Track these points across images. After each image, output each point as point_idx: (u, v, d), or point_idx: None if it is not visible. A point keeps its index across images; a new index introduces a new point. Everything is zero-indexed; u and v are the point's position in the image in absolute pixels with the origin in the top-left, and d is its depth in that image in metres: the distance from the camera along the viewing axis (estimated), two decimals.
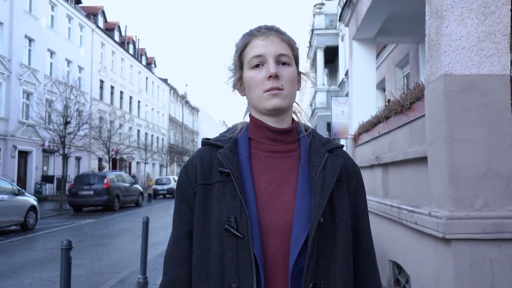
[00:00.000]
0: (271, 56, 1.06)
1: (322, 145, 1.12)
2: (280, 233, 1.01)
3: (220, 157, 1.06)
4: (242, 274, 0.98)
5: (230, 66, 1.16)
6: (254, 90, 1.08)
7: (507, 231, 3.00)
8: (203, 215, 1.04)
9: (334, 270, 1.01)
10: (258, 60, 1.07)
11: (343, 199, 1.07)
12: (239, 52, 1.12)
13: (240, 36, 1.13)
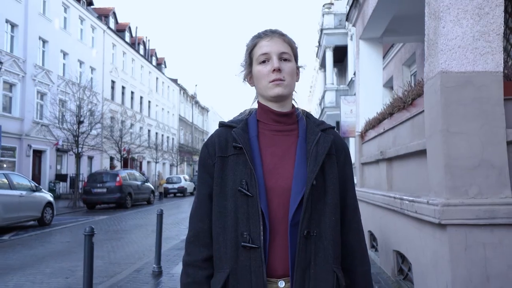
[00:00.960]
0: (274, 53, 1.32)
1: (316, 125, 1.38)
2: (281, 194, 1.27)
3: (235, 135, 1.32)
4: (251, 224, 1.24)
5: (242, 63, 1.43)
6: (261, 81, 1.34)
7: (499, 217, 3.22)
8: (221, 180, 1.30)
9: (324, 222, 1.27)
10: (265, 57, 1.33)
11: (333, 168, 1.32)
12: (249, 50, 1.38)
13: (250, 38, 1.41)
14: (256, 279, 1.21)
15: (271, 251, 1.24)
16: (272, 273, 1.25)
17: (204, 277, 1.30)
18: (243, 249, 1.23)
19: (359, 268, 1.37)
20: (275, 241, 1.25)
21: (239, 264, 1.24)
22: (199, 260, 1.32)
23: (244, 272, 1.23)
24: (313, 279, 1.23)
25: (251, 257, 1.23)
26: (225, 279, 1.24)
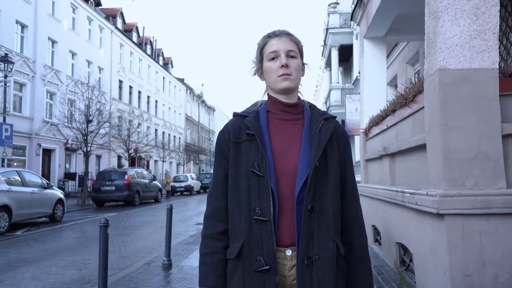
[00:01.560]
0: (283, 51, 1.50)
1: (320, 115, 1.56)
2: (288, 174, 1.45)
3: (248, 123, 1.50)
4: (263, 201, 1.42)
5: (253, 59, 1.62)
6: (271, 75, 1.52)
7: (495, 207, 3.38)
8: (235, 163, 1.48)
9: (325, 199, 1.45)
10: (274, 54, 1.51)
11: (334, 152, 1.50)
12: (260, 49, 1.57)
13: (260, 37, 1.59)
14: (267, 248, 1.40)
15: (279, 224, 1.43)
16: (281, 243, 1.43)
17: (221, 248, 1.49)
18: (255, 222, 1.42)
19: (357, 240, 1.55)
20: (283, 215, 1.43)
21: (252, 235, 1.42)
22: (216, 232, 1.51)
23: (256, 242, 1.41)
24: (316, 248, 1.41)
25: (262, 229, 1.41)
26: (239, 248, 1.43)
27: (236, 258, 1.44)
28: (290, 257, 1.44)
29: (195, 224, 11.98)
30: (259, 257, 1.40)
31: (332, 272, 1.41)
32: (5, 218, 10.00)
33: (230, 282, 1.46)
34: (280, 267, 1.43)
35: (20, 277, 5.90)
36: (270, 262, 1.39)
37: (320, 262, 1.40)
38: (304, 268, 1.39)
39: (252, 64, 1.62)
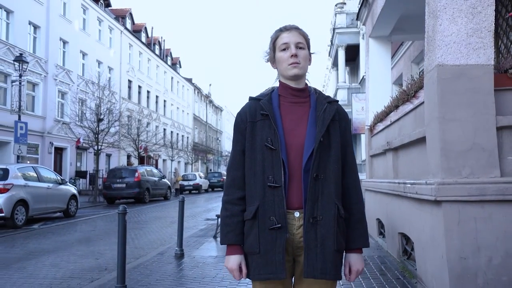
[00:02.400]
0: (292, 43, 1.76)
1: (324, 99, 1.81)
2: (297, 148, 1.70)
3: (262, 105, 1.76)
4: (275, 170, 1.68)
5: (267, 50, 1.88)
6: (282, 64, 1.78)
7: (489, 194, 3.61)
8: (251, 139, 1.74)
9: (328, 169, 1.70)
10: (285, 46, 1.76)
11: (336, 131, 1.76)
12: (273, 41, 1.82)
13: (273, 31, 1.85)
14: (279, 210, 1.66)
15: (289, 190, 1.69)
16: (290, 206, 1.69)
17: (239, 211, 1.76)
18: (269, 188, 1.68)
19: (355, 205, 1.80)
20: (292, 183, 1.69)
21: (266, 199, 1.68)
22: (235, 198, 1.77)
23: (270, 205, 1.67)
24: (320, 209, 1.67)
25: (274, 194, 1.67)
26: (255, 210, 1.69)
27: (252, 218, 1.69)
28: (298, 218, 1.69)
29: (204, 220, 12.28)
30: (272, 217, 1.65)
31: (333, 230, 1.67)
32: (22, 212, 10.38)
33: (247, 239, 1.72)
34: (289, 226, 1.68)
35: (41, 264, 6.23)
36: (281, 221, 1.65)
37: (323, 221, 1.66)
38: (309, 226, 1.65)
39: (265, 53, 1.88)
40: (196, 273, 5.34)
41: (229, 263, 1.73)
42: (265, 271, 1.65)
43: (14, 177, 10.45)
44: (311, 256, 1.64)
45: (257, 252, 1.67)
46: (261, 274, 1.67)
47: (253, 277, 1.70)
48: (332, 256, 1.66)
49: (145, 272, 5.44)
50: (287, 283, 1.76)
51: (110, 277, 5.28)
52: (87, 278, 5.44)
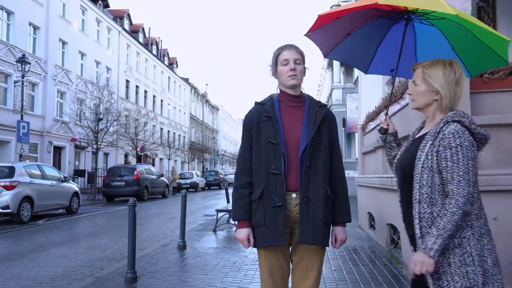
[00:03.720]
0: (291, 59, 2.17)
1: (315, 103, 2.23)
2: (294, 143, 2.11)
3: (266, 108, 2.17)
4: (277, 161, 2.09)
5: (270, 63, 2.28)
6: (283, 75, 2.19)
7: None
8: (258, 136, 2.15)
9: (319, 159, 2.11)
10: (286, 61, 2.18)
11: (325, 129, 2.17)
12: (276, 57, 2.23)
13: (276, 48, 2.25)
14: (279, 191, 2.08)
15: (287, 176, 2.11)
16: (288, 188, 2.11)
17: (247, 193, 2.17)
18: (272, 174, 2.09)
19: (340, 189, 2.22)
20: (290, 170, 2.11)
21: (269, 183, 2.10)
22: (244, 183, 2.18)
23: (272, 188, 2.09)
24: (312, 191, 2.08)
25: (276, 179, 2.09)
26: (261, 192, 2.10)
27: (258, 198, 2.11)
28: (295, 198, 2.12)
29: (203, 216, 12.67)
30: (275, 198, 2.07)
31: (322, 207, 2.09)
32: (28, 208, 10.75)
33: (254, 215, 2.13)
34: (288, 205, 2.10)
35: (52, 255, 6.62)
36: (281, 201, 2.07)
37: (314, 200, 2.08)
38: (303, 204, 2.07)
39: (269, 67, 2.30)
40: (198, 262, 5.74)
41: (240, 235, 2.15)
42: (269, 239, 2.07)
43: (20, 174, 10.83)
44: (304, 227, 2.05)
45: (262, 225, 2.09)
46: (266, 242, 2.09)
47: (259, 245, 2.11)
48: (321, 228, 2.08)
49: (151, 261, 5.83)
50: (285, 251, 2.18)
51: (119, 265, 5.67)
52: (97, 266, 5.83)
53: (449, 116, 1.78)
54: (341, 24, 2.36)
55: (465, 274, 1.69)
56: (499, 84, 4.28)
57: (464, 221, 1.70)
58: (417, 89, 1.93)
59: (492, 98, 4.29)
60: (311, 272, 2.14)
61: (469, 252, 1.70)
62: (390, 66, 2.47)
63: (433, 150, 1.76)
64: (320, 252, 2.17)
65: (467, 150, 1.69)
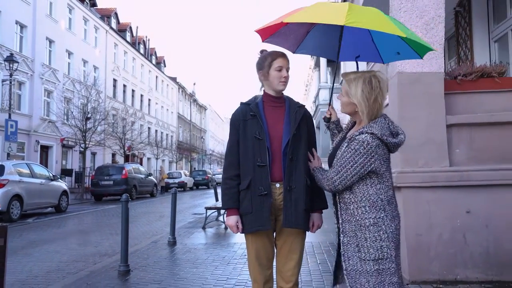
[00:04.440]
0: (285, 67, 2.41)
1: (295, 104, 2.46)
2: (277, 138, 2.34)
3: (252, 108, 2.39)
4: (262, 155, 2.31)
5: (260, 62, 2.45)
6: (275, 80, 2.40)
7: (440, 181, 4.32)
8: (244, 132, 2.37)
9: (299, 153, 2.34)
10: (280, 68, 2.39)
11: (304, 126, 2.40)
12: (271, 61, 2.41)
13: (273, 53, 2.44)
14: (265, 182, 2.30)
15: (272, 168, 2.33)
16: (273, 179, 2.33)
17: (235, 184, 2.39)
18: (258, 167, 2.32)
19: None
20: (274, 163, 2.34)
21: (256, 175, 2.32)
22: (232, 175, 2.40)
23: (259, 179, 2.31)
24: (293, 181, 2.32)
25: (262, 171, 2.31)
26: (248, 182, 2.33)
27: (246, 188, 2.33)
28: (278, 188, 2.35)
29: (192, 214, 12.84)
30: (261, 187, 2.30)
31: (303, 194, 2.32)
32: (17, 206, 10.81)
33: (242, 203, 2.35)
34: (272, 194, 2.33)
35: (45, 251, 6.75)
36: (267, 190, 2.30)
37: (296, 189, 2.31)
38: (287, 192, 2.30)
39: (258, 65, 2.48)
40: (189, 257, 5.94)
41: (229, 221, 2.37)
42: (256, 224, 2.30)
43: (9, 173, 10.88)
44: (288, 213, 2.29)
45: (250, 212, 2.31)
46: (253, 227, 2.31)
47: (247, 230, 2.34)
48: (302, 213, 2.31)
49: (142, 256, 6.02)
50: (270, 236, 2.41)
51: (111, 260, 5.85)
52: (90, 261, 6.00)
53: (367, 127, 2.11)
54: (296, 26, 2.59)
55: (379, 247, 2.04)
56: (471, 86, 4.57)
57: (378, 206, 2.09)
58: (342, 99, 2.25)
59: (465, 98, 4.58)
60: (294, 255, 2.38)
61: (383, 230, 2.06)
62: (356, 53, 2.70)
63: (344, 147, 2.15)
64: (301, 236, 2.41)
65: (357, 156, 2.05)
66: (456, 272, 4.22)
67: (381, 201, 2.10)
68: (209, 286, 4.36)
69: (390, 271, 2.06)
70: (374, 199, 2.09)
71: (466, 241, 4.25)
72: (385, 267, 2.05)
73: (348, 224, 2.12)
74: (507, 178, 4.25)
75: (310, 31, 2.72)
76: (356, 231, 2.09)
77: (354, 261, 2.08)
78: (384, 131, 2.15)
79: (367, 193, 2.09)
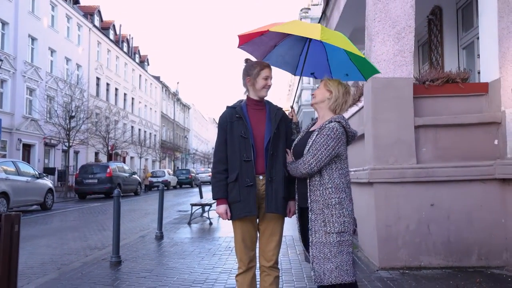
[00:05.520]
0: (270, 77, 2.77)
1: (274, 107, 2.83)
2: (260, 137, 2.70)
3: (237, 110, 2.75)
4: (247, 151, 2.66)
5: (247, 70, 2.80)
6: (261, 87, 2.76)
7: (408, 177, 4.75)
8: (231, 132, 2.72)
9: (279, 149, 2.70)
10: (266, 77, 2.75)
11: (282, 127, 2.77)
12: (259, 70, 2.77)
13: (255, 62, 2.81)
14: (250, 175, 2.66)
15: (256, 162, 2.69)
16: (257, 172, 2.69)
17: (224, 178, 2.74)
18: (244, 162, 2.67)
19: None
20: (258, 158, 2.70)
21: (242, 169, 2.67)
22: (221, 170, 2.75)
23: (245, 172, 2.66)
24: (274, 173, 2.68)
25: (247, 165, 2.67)
26: (236, 175, 2.68)
27: (234, 181, 2.69)
28: (262, 180, 2.71)
29: (177, 211, 13.13)
30: (247, 179, 2.66)
31: (282, 185, 2.69)
32: (4, 204, 10.92)
33: (230, 193, 2.70)
34: (257, 185, 2.69)
35: (36, 245, 6.98)
36: (252, 181, 2.66)
37: (276, 180, 2.68)
38: (268, 183, 2.67)
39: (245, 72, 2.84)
40: (176, 249, 6.27)
41: (219, 209, 2.73)
42: (244, 211, 2.66)
43: None
44: (269, 200, 2.66)
45: (238, 200, 2.67)
46: (242, 213, 2.67)
47: (236, 216, 2.70)
48: (281, 201, 2.69)
49: (131, 249, 6.32)
50: (254, 222, 2.78)
51: (102, 252, 6.13)
52: (81, 254, 6.27)
53: (334, 118, 2.63)
54: (267, 38, 3.06)
55: (342, 222, 2.52)
56: (438, 90, 5.02)
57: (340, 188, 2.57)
58: (317, 91, 2.76)
59: (432, 102, 5.03)
60: (275, 237, 2.76)
61: (345, 208, 2.54)
62: (311, 70, 3.18)
63: (314, 136, 2.61)
64: (280, 221, 2.78)
65: (329, 140, 2.52)
66: (421, 259, 4.66)
67: (342, 184, 2.58)
68: (197, 274, 4.70)
69: (348, 242, 2.52)
70: (337, 182, 2.56)
71: (430, 231, 4.70)
72: (345, 239, 2.51)
73: (316, 204, 2.55)
74: (467, 175, 4.71)
75: (277, 45, 3.16)
76: (324, 209, 2.52)
77: (320, 234, 2.52)
78: (346, 122, 2.66)
79: (332, 177, 2.55)
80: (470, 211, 4.69)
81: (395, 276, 4.35)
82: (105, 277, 4.65)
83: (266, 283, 2.74)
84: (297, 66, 3.28)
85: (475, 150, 4.83)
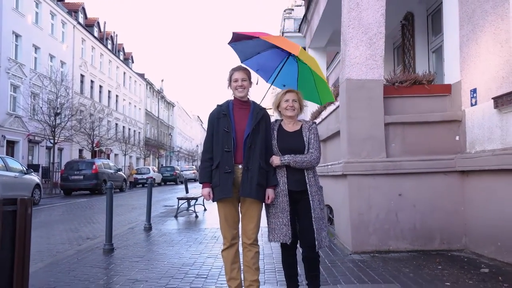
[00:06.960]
0: (240, 79, 3.18)
1: (257, 107, 3.25)
2: (241, 131, 3.11)
3: (223, 108, 3.17)
4: (229, 143, 3.08)
5: (228, 78, 3.26)
6: (233, 88, 3.19)
7: (378, 169, 5.24)
8: (217, 127, 3.13)
9: (257, 142, 3.11)
10: (235, 79, 3.18)
11: (262, 124, 3.19)
12: (230, 75, 3.22)
13: (231, 68, 3.24)
14: (230, 163, 3.06)
15: (236, 153, 3.10)
16: (236, 161, 3.10)
17: (209, 165, 3.15)
18: (225, 152, 3.09)
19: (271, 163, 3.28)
20: (237, 150, 3.11)
21: (223, 158, 3.08)
22: (207, 158, 3.17)
23: (225, 161, 3.07)
24: (250, 163, 3.08)
25: (228, 155, 3.08)
26: (218, 163, 3.09)
27: (216, 168, 3.11)
28: (240, 168, 3.12)
29: (163, 206, 13.46)
30: (226, 167, 3.08)
31: (257, 174, 3.10)
32: None
33: (213, 179, 3.12)
34: (236, 172, 3.11)
35: None
36: (231, 169, 3.08)
37: (252, 169, 3.09)
38: (245, 172, 3.09)
39: (227, 82, 3.30)
40: (165, 239, 6.65)
41: (204, 191, 3.17)
42: (222, 194, 3.09)
43: None
44: (244, 186, 3.08)
45: (218, 185, 3.10)
46: (220, 196, 3.10)
47: (216, 198, 3.12)
48: (256, 187, 3.09)
49: (122, 239, 6.68)
50: (235, 204, 3.20)
51: (94, 242, 6.48)
52: (74, 243, 6.60)
53: (311, 121, 3.36)
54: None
55: (322, 200, 3.22)
56: (406, 91, 5.52)
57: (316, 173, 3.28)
58: (296, 105, 3.29)
59: (401, 101, 5.52)
60: (254, 218, 3.19)
61: (323, 191, 3.29)
62: (283, 82, 3.69)
63: (309, 135, 3.22)
64: (258, 205, 3.20)
65: (318, 137, 3.29)
66: (389, 243, 5.16)
67: None
68: (185, 258, 5.11)
69: None
70: (316, 170, 3.30)
71: (398, 219, 5.19)
72: (324, 211, 3.16)
73: (313, 187, 3.17)
74: (431, 167, 5.22)
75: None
76: (318, 191, 3.20)
77: (317, 211, 3.14)
78: None
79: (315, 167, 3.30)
80: (434, 200, 5.20)
81: (365, 259, 4.83)
82: (100, 262, 5.02)
83: (248, 257, 3.18)
84: (271, 76, 3.75)
85: (439, 145, 5.34)
